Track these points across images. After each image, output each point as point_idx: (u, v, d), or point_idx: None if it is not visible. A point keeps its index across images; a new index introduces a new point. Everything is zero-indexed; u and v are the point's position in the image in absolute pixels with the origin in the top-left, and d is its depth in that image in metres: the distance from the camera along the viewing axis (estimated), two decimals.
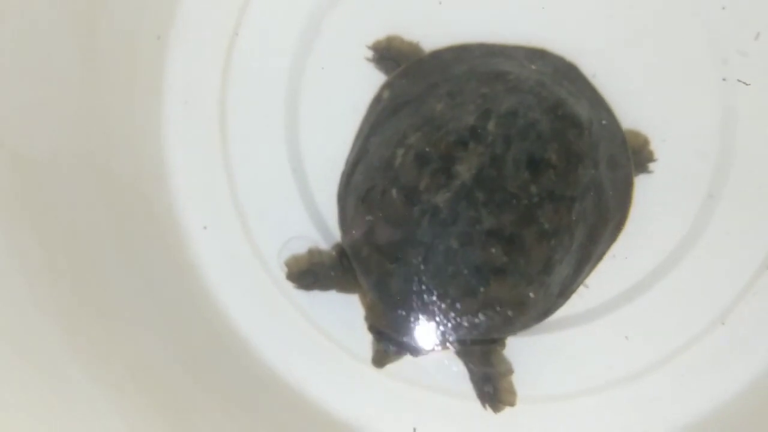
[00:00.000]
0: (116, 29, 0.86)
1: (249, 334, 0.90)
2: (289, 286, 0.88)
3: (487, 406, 0.84)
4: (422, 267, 0.73)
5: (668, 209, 0.87)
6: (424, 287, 0.73)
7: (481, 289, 0.73)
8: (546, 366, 0.88)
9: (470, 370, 0.84)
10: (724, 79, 0.86)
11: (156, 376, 0.83)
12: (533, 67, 0.81)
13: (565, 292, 0.79)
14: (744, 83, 0.85)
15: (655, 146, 0.86)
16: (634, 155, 0.83)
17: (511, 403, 0.83)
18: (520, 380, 0.84)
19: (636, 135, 0.85)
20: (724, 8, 0.86)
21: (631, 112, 0.85)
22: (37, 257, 0.77)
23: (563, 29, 0.86)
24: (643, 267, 0.88)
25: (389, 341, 0.79)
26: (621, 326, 0.87)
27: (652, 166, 0.86)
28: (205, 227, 0.91)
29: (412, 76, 0.82)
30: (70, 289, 0.79)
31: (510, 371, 0.83)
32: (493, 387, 0.83)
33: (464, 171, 0.71)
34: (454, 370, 0.87)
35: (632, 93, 0.85)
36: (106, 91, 0.86)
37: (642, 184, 0.85)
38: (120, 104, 0.88)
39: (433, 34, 0.86)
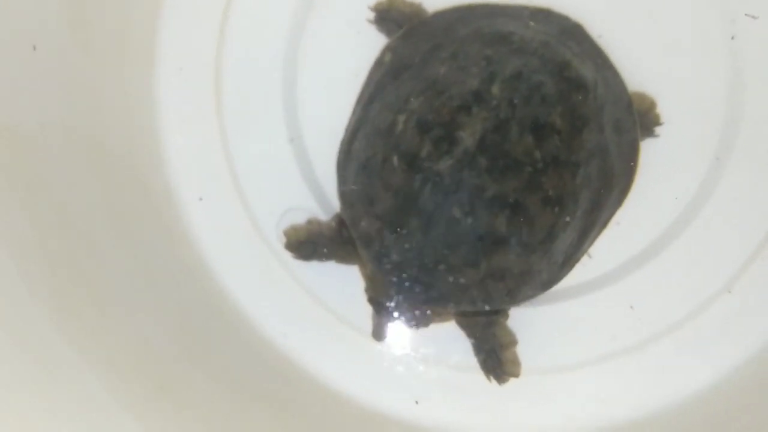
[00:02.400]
0: None
1: (247, 307, 0.89)
2: (288, 257, 0.87)
3: (491, 377, 0.83)
4: (424, 237, 0.71)
5: (674, 174, 0.86)
6: (425, 257, 0.72)
7: (484, 259, 0.71)
8: (550, 337, 0.87)
9: (473, 342, 0.83)
10: (732, 38, 0.85)
11: (152, 352, 0.82)
12: (538, 27, 0.79)
13: (569, 261, 0.78)
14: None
15: (661, 109, 0.84)
16: (640, 118, 0.81)
17: (515, 375, 0.82)
18: (523, 352, 0.83)
19: (642, 97, 0.84)
20: None
21: (637, 73, 0.83)
22: (27, 236, 0.75)
23: None
24: (648, 234, 0.87)
25: (390, 313, 0.78)
26: (625, 295, 0.86)
27: (658, 129, 0.84)
28: (201, 198, 0.89)
29: (414, 38, 0.80)
30: (63, 268, 0.77)
31: (514, 342, 0.83)
32: (497, 358, 0.82)
33: (467, 137, 0.70)
34: (457, 343, 0.85)
35: (638, 54, 0.84)
36: (97, 59, 0.84)
37: (647, 148, 0.83)
38: (112, 73, 0.86)
39: None
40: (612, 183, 0.77)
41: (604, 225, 0.80)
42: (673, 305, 0.86)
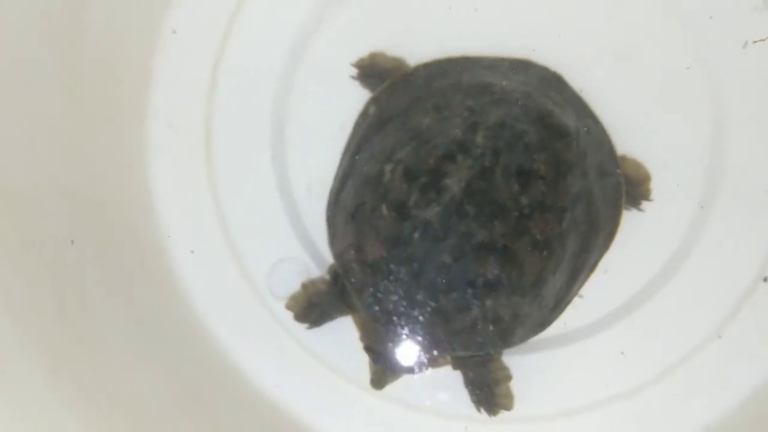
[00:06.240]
0: (99, 56, 0.86)
1: (238, 358, 0.89)
2: (279, 308, 0.87)
3: (481, 409, 0.82)
4: (415, 283, 0.72)
5: (660, 221, 0.86)
6: (417, 304, 0.72)
7: (476, 304, 0.72)
8: (541, 384, 0.86)
9: (467, 378, 0.83)
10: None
11: (144, 406, 0.81)
12: (518, 77, 0.81)
13: (559, 304, 0.78)
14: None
15: (645, 159, 0.85)
16: (631, 188, 0.82)
17: (508, 408, 0.82)
18: (516, 398, 0.83)
19: (638, 167, 0.85)
20: (711, 17, 0.86)
21: (619, 124, 0.83)
22: (19, 291, 0.75)
23: (550, 44, 0.86)
24: (636, 281, 0.87)
25: (386, 361, 0.78)
26: (616, 342, 0.86)
27: (644, 204, 0.85)
28: (192, 251, 0.90)
29: (397, 90, 0.82)
30: (54, 323, 0.77)
31: (508, 377, 0.83)
32: (490, 392, 0.82)
33: (454, 184, 0.71)
34: (451, 391, 0.86)
35: (619, 105, 0.85)
36: (89, 117, 0.86)
37: None
38: (103, 130, 0.87)
39: (417, 48, 0.86)
40: (598, 226, 0.78)
41: (593, 268, 0.80)
42: (664, 351, 0.86)
